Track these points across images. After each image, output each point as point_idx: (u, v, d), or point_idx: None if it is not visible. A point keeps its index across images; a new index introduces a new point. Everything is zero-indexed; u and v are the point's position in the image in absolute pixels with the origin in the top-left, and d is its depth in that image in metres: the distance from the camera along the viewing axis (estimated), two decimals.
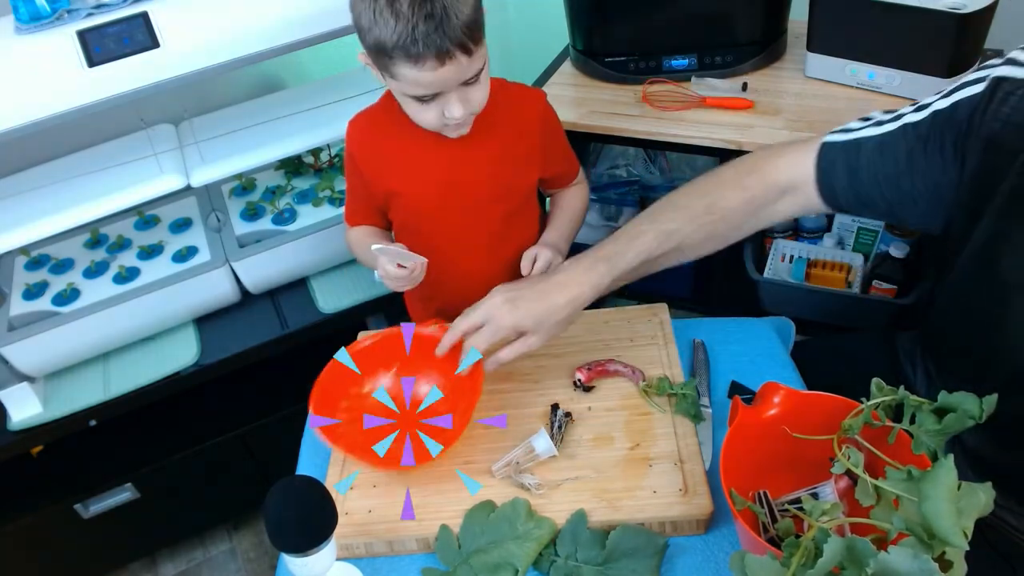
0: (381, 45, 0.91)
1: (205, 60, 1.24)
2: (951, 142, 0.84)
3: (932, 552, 0.64)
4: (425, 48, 0.89)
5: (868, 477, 0.73)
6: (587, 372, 1.05)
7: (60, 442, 1.49)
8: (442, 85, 0.95)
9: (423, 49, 0.89)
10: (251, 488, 1.59)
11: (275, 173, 1.73)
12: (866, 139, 0.91)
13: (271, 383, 1.65)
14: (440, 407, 1.03)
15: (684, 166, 1.78)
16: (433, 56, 0.90)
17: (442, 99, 0.98)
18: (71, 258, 1.57)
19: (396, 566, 0.91)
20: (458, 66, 0.93)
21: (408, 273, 1.07)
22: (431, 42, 0.89)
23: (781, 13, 1.58)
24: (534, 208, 1.23)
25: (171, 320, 1.54)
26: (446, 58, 0.91)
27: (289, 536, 0.76)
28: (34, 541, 1.56)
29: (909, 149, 0.88)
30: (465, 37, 0.91)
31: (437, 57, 0.90)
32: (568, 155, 1.24)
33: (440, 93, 0.97)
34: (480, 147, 1.10)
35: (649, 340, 1.11)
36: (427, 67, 0.91)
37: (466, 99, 0.99)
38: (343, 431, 0.97)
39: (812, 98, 1.47)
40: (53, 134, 1.20)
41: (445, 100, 0.97)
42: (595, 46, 1.61)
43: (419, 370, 1.06)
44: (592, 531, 0.87)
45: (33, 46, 1.16)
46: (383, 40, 0.90)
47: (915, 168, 0.88)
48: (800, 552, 0.68)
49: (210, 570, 1.78)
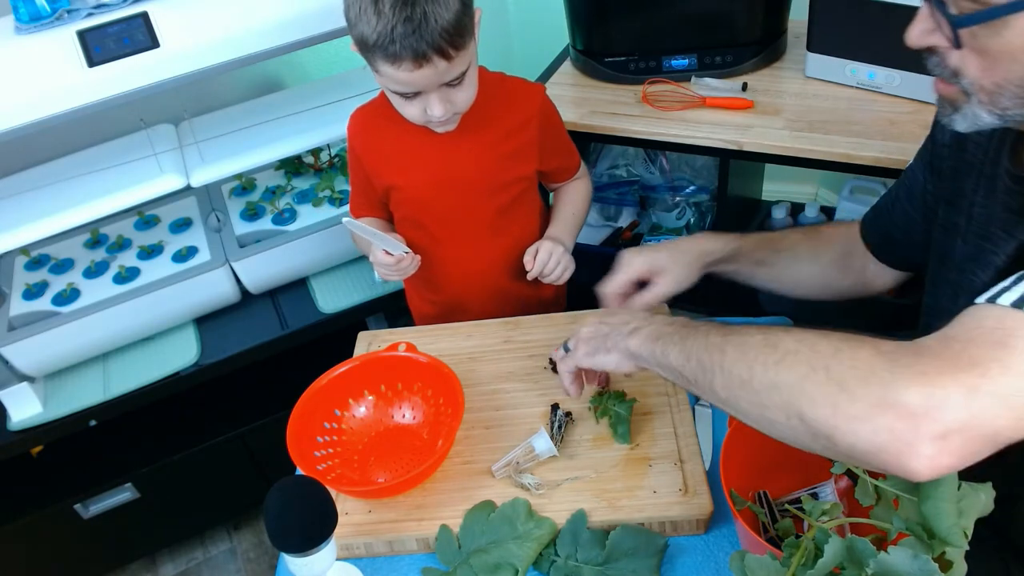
0: (363, 40, 0.94)
1: (205, 60, 1.24)
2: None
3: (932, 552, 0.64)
4: (402, 49, 0.91)
5: (868, 477, 0.73)
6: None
7: (60, 442, 1.49)
8: (421, 85, 0.97)
9: (400, 51, 0.91)
10: (251, 488, 1.59)
11: (275, 173, 1.73)
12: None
13: (271, 383, 1.64)
14: (419, 428, 1.03)
15: (684, 166, 1.78)
16: (410, 58, 0.92)
17: (424, 97, 0.99)
18: (71, 258, 1.57)
19: (396, 566, 0.91)
20: (435, 69, 0.94)
21: (395, 262, 1.09)
22: (408, 44, 0.91)
23: (781, 13, 1.58)
24: (534, 201, 1.24)
25: (171, 320, 1.53)
26: (423, 61, 0.93)
27: (289, 536, 0.76)
28: (34, 541, 1.56)
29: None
30: (443, 42, 0.92)
31: (414, 59, 0.92)
32: (568, 149, 1.25)
33: (421, 92, 0.98)
34: (477, 140, 1.12)
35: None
36: (404, 68, 0.93)
37: (448, 99, 1.00)
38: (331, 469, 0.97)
39: (812, 98, 1.47)
40: (53, 134, 1.20)
41: (427, 99, 0.99)
42: (595, 46, 1.61)
43: (396, 392, 1.06)
44: (592, 531, 0.87)
45: (33, 46, 1.16)
46: (365, 36, 0.93)
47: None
48: (800, 552, 0.68)
49: (210, 570, 1.78)
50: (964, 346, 0.58)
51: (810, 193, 2.22)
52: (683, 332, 0.77)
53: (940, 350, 0.59)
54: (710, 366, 0.71)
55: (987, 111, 0.68)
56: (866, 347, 0.61)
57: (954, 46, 0.66)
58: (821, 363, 0.61)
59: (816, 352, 0.63)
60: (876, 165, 1.30)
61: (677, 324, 0.80)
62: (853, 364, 0.60)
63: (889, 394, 0.57)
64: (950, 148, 0.87)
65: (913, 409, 0.56)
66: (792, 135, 1.37)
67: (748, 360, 0.67)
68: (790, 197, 1.93)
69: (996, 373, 0.55)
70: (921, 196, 0.94)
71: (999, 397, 0.55)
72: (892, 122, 1.36)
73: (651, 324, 0.83)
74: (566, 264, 1.18)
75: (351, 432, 1.03)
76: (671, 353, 0.76)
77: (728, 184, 1.54)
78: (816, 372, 0.61)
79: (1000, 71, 0.64)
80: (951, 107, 0.71)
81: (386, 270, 1.13)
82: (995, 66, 0.64)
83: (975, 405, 0.55)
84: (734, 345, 0.69)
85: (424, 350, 1.04)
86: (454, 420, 0.94)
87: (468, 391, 0.99)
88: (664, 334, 0.79)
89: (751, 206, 1.91)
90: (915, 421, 0.55)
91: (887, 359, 0.59)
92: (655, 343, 0.79)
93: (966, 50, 0.66)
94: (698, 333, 0.75)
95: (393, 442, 1.03)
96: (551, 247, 1.16)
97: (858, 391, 0.58)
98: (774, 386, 0.64)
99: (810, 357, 0.63)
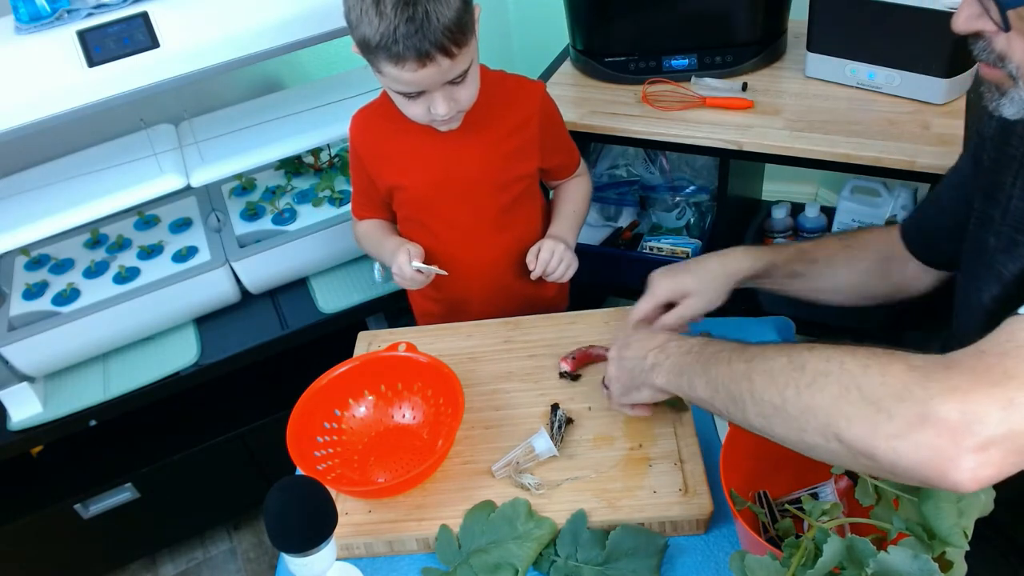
0: (366, 42, 0.94)
1: (205, 60, 1.24)
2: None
3: (932, 552, 0.64)
4: (405, 50, 0.92)
5: (868, 477, 0.73)
6: (571, 361, 1.06)
7: (60, 442, 1.49)
8: (425, 84, 0.97)
9: (403, 51, 0.92)
10: (251, 488, 1.59)
11: (275, 173, 1.72)
12: None
13: (271, 383, 1.64)
14: (419, 428, 1.03)
15: (684, 166, 1.78)
16: (414, 58, 0.92)
17: (428, 96, 1.00)
18: (71, 258, 1.56)
19: (396, 566, 0.91)
20: (439, 68, 0.95)
21: (424, 279, 1.13)
22: (411, 44, 0.91)
23: (781, 13, 1.58)
24: (536, 198, 1.25)
25: (171, 320, 1.53)
26: (427, 60, 0.93)
27: (289, 536, 0.76)
28: (34, 541, 1.56)
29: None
30: (446, 40, 0.92)
31: (417, 59, 0.93)
32: (568, 146, 1.25)
33: (425, 91, 0.98)
34: (478, 139, 1.12)
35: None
36: (408, 67, 0.94)
37: (451, 97, 1.01)
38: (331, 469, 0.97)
39: (812, 98, 1.47)
40: (53, 134, 1.20)
41: (430, 98, 1.00)
42: (595, 46, 1.61)
43: (396, 392, 1.06)
44: (592, 531, 0.86)
45: (33, 46, 1.16)
46: (367, 37, 0.93)
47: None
48: (800, 552, 0.68)
49: (210, 570, 1.78)
50: (998, 359, 0.58)
51: (810, 193, 2.22)
52: (704, 361, 0.77)
53: (973, 364, 0.59)
54: (740, 396, 0.71)
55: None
56: (897, 362, 0.61)
57: (1002, 29, 0.66)
58: (853, 382, 0.61)
59: (846, 371, 0.62)
60: (876, 165, 1.30)
61: (695, 351, 0.80)
62: (884, 381, 0.60)
63: (926, 410, 0.57)
64: (993, 141, 0.86)
65: (952, 424, 0.56)
66: (792, 135, 1.37)
67: (779, 386, 0.66)
68: (790, 197, 1.93)
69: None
70: (967, 189, 0.92)
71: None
72: (892, 122, 1.36)
73: (668, 356, 0.83)
74: (569, 262, 1.18)
75: (351, 432, 1.03)
76: (698, 386, 0.77)
77: (728, 184, 1.54)
78: (849, 392, 0.61)
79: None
80: (998, 92, 0.71)
81: (411, 283, 1.15)
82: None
83: (1013, 418, 0.55)
84: (760, 372, 0.69)
85: (424, 350, 1.04)
86: (454, 420, 0.94)
87: (468, 391, 0.99)
88: (686, 366, 0.79)
89: (751, 206, 1.90)
90: (954, 436, 0.56)
91: (920, 374, 0.59)
92: (680, 377, 0.80)
93: (1013, 33, 0.66)
94: (720, 360, 0.75)
95: (393, 442, 1.02)
96: (553, 245, 1.17)
97: (894, 409, 0.58)
98: (809, 410, 0.64)
99: (840, 377, 0.62)
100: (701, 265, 1.03)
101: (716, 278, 1.02)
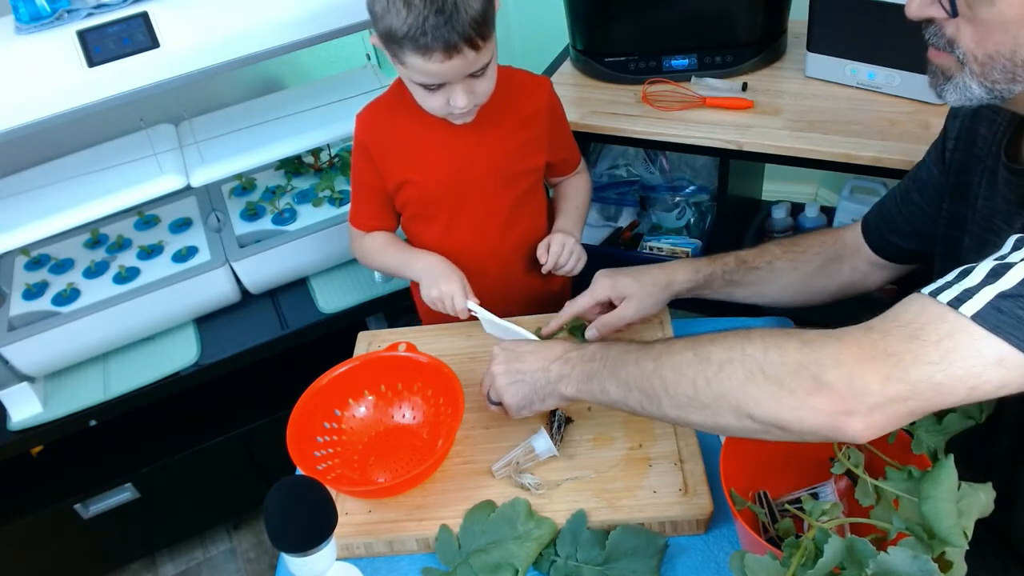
0: (392, 33, 0.94)
1: (205, 60, 1.24)
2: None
3: (932, 552, 0.64)
4: (434, 41, 0.92)
5: (868, 477, 0.73)
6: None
7: (60, 442, 1.49)
8: (448, 76, 0.97)
9: (431, 42, 0.92)
10: (251, 488, 1.59)
11: (275, 173, 1.72)
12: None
13: (271, 383, 1.64)
14: (419, 429, 1.03)
15: (684, 166, 1.78)
16: (441, 49, 0.92)
17: (448, 88, 1.00)
18: (71, 258, 1.57)
19: (396, 566, 0.91)
20: (465, 60, 0.95)
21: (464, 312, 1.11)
22: (439, 35, 0.91)
23: (781, 13, 1.58)
24: (541, 194, 1.26)
25: (171, 320, 1.53)
26: (454, 52, 0.93)
27: (289, 536, 0.76)
28: (34, 541, 1.56)
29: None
30: (473, 32, 0.93)
31: (445, 50, 0.93)
32: (572, 142, 1.27)
33: (446, 83, 0.99)
34: (489, 133, 1.12)
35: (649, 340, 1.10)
36: (434, 59, 0.94)
37: (471, 90, 1.01)
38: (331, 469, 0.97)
39: (812, 98, 1.47)
40: (53, 134, 1.20)
41: (451, 90, 1.00)
42: (595, 46, 1.61)
43: (396, 392, 1.06)
44: (592, 531, 0.87)
45: (33, 46, 1.16)
46: (394, 29, 0.93)
47: None
48: (800, 552, 0.68)
49: (210, 570, 1.78)
50: (881, 336, 0.65)
51: (810, 193, 2.22)
52: (611, 365, 0.82)
53: (860, 338, 0.66)
54: (653, 393, 0.76)
55: (978, 83, 0.70)
56: (791, 340, 0.69)
57: (951, 15, 0.69)
58: (756, 365, 0.69)
59: (747, 356, 0.70)
60: (876, 165, 1.30)
61: (598, 357, 0.84)
62: (783, 361, 0.68)
63: (818, 381, 0.65)
64: (959, 142, 0.89)
65: (841, 392, 0.64)
66: (792, 135, 1.37)
67: (689, 378, 0.73)
68: (790, 197, 1.93)
69: (907, 363, 0.63)
70: (935, 188, 0.95)
71: (909, 384, 0.63)
72: (892, 122, 1.36)
73: (573, 366, 0.86)
74: (579, 255, 1.20)
75: (351, 432, 1.03)
76: (610, 389, 0.81)
77: (728, 184, 1.54)
78: (754, 375, 0.69)
79: (992, 41, 0.67)
80: (943, 76, 0.73)
81: (447, 310, 1.12)
82: (988, 36, 0.67)
83: (890, 390, 0.63)
84: (669, 368, 0.75)
85: (424, 350, 1.04)
86: (454, 420, 0.94)
87: (468, 391, 0.99)
88: (593, 372, 0.84)
89: (751, 206, 1.90)
90: (844, 402, 0.64)
91: (811, 348, 0.67)
92: (589, 383, 0.84)
93: (961, 19, 0.69)
94: (627, 362, 0.80)
95: (393, 442, 1.02)
96: (563, 239, 1.18)
97: (793, 383, 0.67)
98: (721, 396, 0.71)
99: (744, 362, 0.70)
100: (644, 272, 1.07)
101: (655, 285, 1.06)
